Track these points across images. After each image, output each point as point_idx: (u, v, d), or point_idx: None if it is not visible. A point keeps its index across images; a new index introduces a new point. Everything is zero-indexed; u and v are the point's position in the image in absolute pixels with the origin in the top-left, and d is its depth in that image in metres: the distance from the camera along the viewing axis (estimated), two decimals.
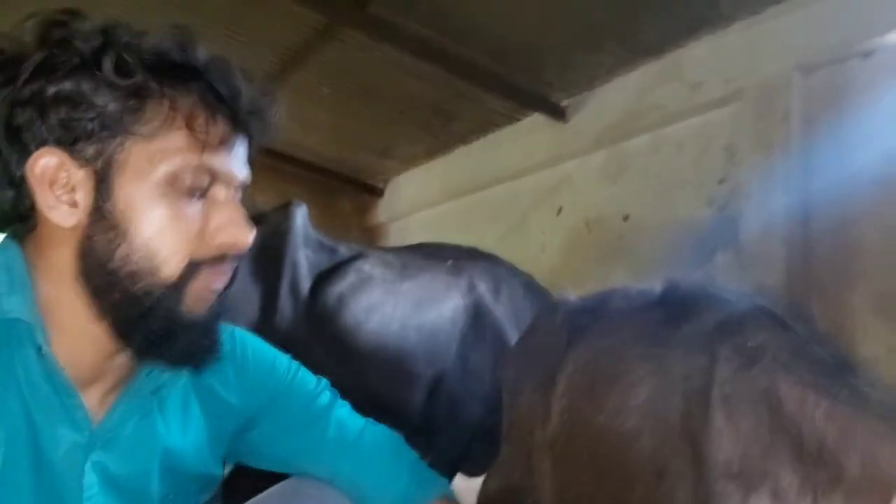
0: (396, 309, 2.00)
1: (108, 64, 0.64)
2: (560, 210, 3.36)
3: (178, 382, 0.78)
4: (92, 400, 0.71)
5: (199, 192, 0.68)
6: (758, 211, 2.41)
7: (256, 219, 0.75)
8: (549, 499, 1.17)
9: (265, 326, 1.56)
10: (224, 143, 0.69)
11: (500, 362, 1.63)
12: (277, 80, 3.10)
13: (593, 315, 1.23)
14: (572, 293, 1.34)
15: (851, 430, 0.74)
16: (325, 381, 0.94)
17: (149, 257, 0.66)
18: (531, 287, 2.19)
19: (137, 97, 0.65)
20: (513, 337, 2.01)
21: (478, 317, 2.10)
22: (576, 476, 1.12)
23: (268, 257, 1.77)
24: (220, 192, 0.70)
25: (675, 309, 1.06)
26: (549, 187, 3.42)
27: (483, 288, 2.14)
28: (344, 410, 0.92)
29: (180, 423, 0.78)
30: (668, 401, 0.94)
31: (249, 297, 1.71)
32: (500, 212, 3.71)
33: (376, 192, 4.68)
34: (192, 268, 0.68)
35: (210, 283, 0.70)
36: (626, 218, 3.05)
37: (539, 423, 1.21)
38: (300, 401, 0.89)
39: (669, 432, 0.93)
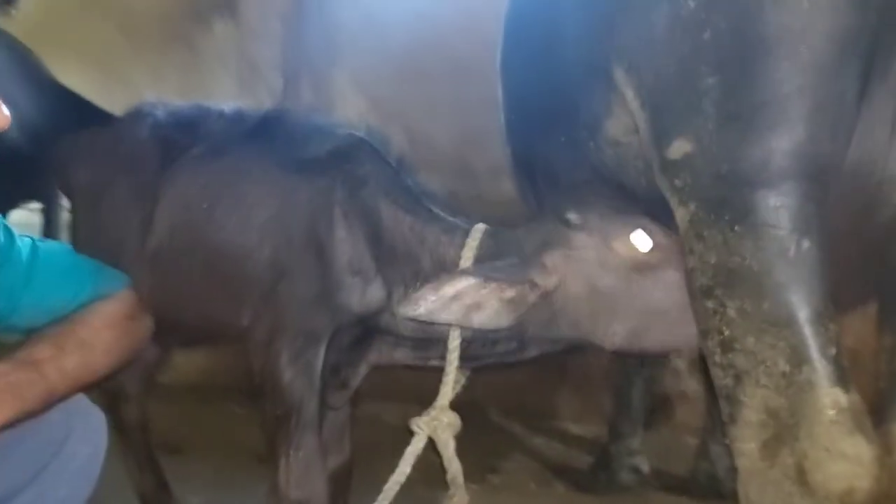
0: None
1: None
2: None
3: None
4: None
5: None
6: None
7: None
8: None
9: None
10: None
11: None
12: None
13: (191, 133, 1.26)
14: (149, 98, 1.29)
15: (425, 238, 1.10)
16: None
17: None
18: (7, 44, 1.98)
19: None
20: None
21: None
22: (181, 283, 1.23)
23: None
24: None
25: (281, 136, 1.22)
26: None
27: None
28: (46, 245, 0.95)
29: None
30: (292, 217, 1.16)
31: None
32: None
33: None
34: None
35: None
36: None
37: (135, 235, 1.24)
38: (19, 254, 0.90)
39: (292, 242, 1.16)
